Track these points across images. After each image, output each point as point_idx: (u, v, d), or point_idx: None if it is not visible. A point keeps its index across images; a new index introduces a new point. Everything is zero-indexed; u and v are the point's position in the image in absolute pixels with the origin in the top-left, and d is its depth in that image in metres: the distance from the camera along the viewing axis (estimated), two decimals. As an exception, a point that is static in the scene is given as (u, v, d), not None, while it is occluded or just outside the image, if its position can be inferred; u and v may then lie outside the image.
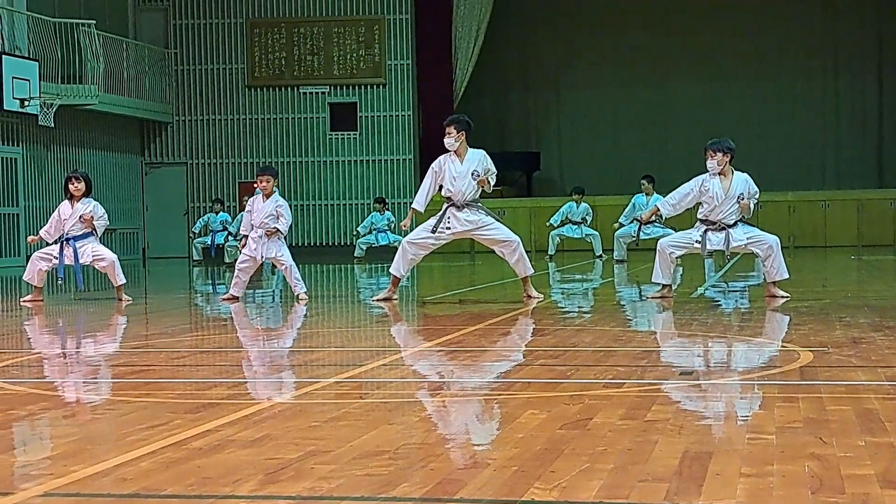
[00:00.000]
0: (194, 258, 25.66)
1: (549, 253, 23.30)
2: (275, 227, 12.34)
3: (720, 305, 10.99)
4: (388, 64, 29.49)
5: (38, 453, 4.63)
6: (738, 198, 11.15)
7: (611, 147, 31.33)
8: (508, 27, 31.48)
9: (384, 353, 8.26)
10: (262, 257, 12.43)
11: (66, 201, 12.83)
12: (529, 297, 11.85)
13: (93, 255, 12.79)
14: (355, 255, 24.85)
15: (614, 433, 4.67)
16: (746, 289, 13.61)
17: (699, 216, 11.47)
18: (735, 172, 11.33)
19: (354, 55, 29.59)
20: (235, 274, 12.63)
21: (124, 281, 12.95)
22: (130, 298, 12.89)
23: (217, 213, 25.79)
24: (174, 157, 30.12)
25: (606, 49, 32.23)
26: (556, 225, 23.35)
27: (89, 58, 25.83)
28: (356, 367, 7.29)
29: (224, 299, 12.40)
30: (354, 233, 26.08)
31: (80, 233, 12.74)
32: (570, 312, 11.45)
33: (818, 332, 8.36)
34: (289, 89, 29.82)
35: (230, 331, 10.26)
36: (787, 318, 9.59)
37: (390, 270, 12.01)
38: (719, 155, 11.23)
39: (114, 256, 12.97)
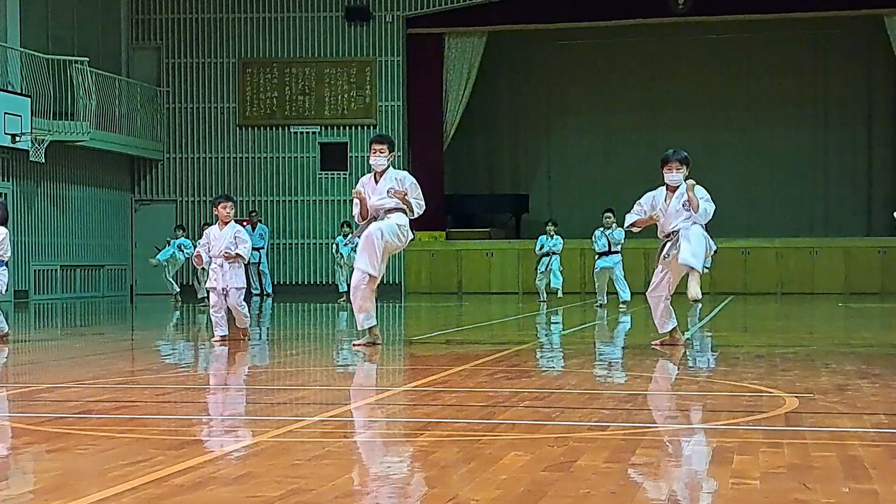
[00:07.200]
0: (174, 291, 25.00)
1: (542, 299, 22.86)
2: (236, 253, 12.24)
3: (705, 350, 10.98)
4: (379, 105, 29.59)
5: (20, 487, 4.60)
6: (684, 204, 10.72)
7: (599, 190, 31.33)
8: (499, 70, 31.60)
9: (369, 393, 8.25)
10: (226, 286, 12.25)
11: None
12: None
13: None
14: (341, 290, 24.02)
15: (598, 476, 4.66)
16: (731, 334, 13.62)
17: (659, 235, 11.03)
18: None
19: (345, 96, 29.69)
20: (211, 314, 12.44)
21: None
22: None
23: (178, 238, 25.33)
24: (164, 195, 30.13)
25: (596, 93, 32.36)
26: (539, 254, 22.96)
27: (81, 95, 25.87)
28: (341, 405, 7.28)
29: (216, 342, 12.19)
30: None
31: None
32: (555, 355, 11.44)
33: (804, 378, 8.36)
34: (280, 129, 29.89)
35: (215, 368, 10.23)
36: (774, 364, 9.59)
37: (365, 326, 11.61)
38: (684, 168, 10.79)
39: None
